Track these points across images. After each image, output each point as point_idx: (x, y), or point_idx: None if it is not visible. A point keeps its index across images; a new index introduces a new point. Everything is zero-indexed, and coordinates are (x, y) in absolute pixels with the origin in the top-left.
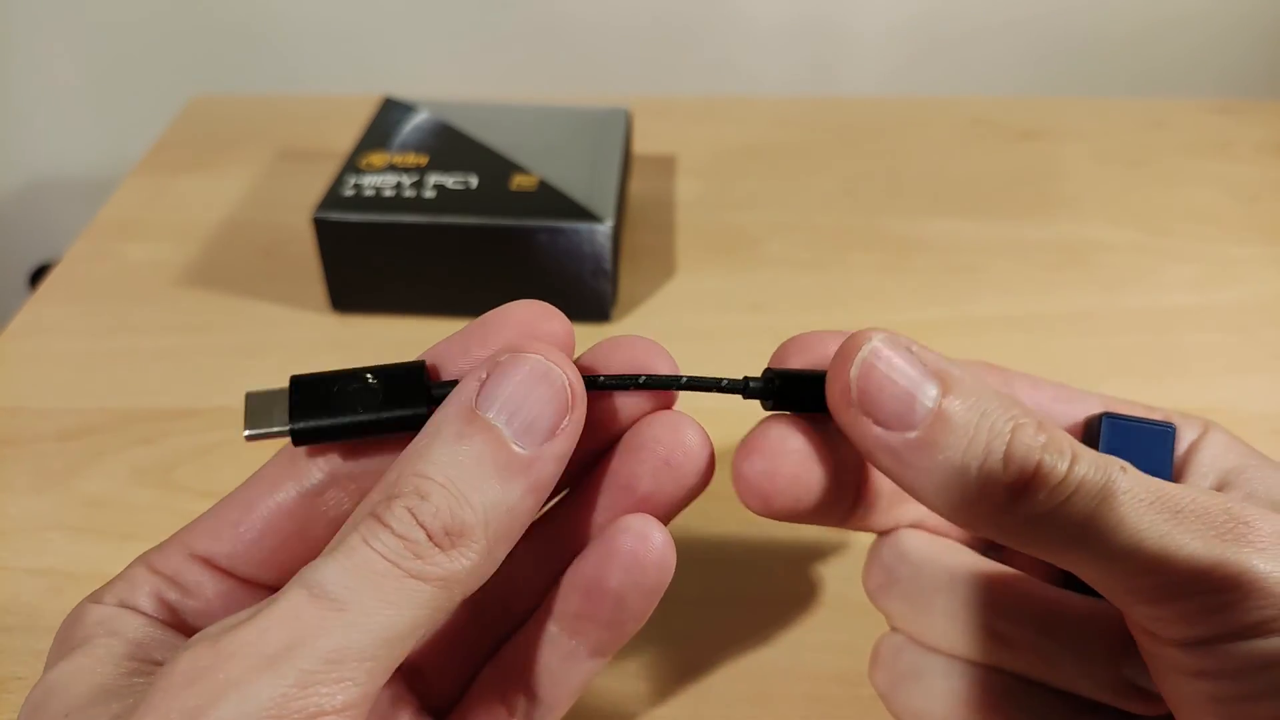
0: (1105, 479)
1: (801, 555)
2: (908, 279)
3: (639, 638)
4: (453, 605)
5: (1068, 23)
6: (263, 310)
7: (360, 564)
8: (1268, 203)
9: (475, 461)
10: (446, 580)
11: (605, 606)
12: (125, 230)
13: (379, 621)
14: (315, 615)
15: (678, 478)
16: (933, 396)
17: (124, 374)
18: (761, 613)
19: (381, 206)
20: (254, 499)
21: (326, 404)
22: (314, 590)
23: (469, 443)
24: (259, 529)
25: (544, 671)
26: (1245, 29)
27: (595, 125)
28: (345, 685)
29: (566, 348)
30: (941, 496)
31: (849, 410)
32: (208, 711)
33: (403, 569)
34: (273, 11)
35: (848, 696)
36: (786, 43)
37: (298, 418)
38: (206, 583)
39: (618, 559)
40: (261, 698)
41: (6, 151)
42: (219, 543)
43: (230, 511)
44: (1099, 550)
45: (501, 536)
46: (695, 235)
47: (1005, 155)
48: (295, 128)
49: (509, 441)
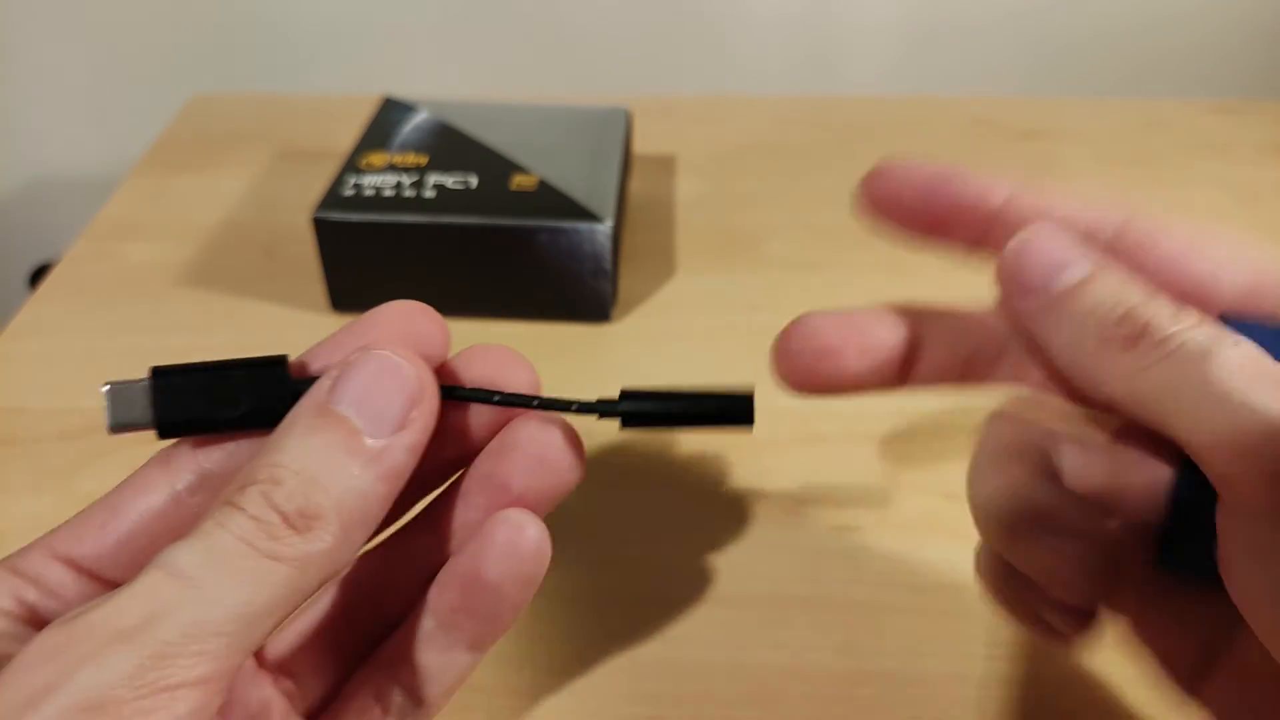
0: (1211, 343)
1: (802, 556)
2: (907, 279)
3: (640, 638)
4: (310, 589)
5: (1068, 21)
6: (263, 310)
7: (215, 545)
8: (1268, 203)
9: (327, 451)
10: (301, 561)
11: (484, 598)
12: (125, 230)
13: (235, 598)
14: (172, 591)
15: (551, 474)
16: (1086, 267)
17: (124, 373)
18: (762, 613)
19: (381, 206)
20: (121, 501)
21: (190, 398)
22: (170, 569)
23: (321, 434)
24: (126, 530)
25: (420, 669)
26: (1245, 29)
27: (595, 125)
28: (203, 658)
29: (439, 345)
30: (1067, 350)
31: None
32: (63, 685)
33: (257, 549)
34: (273, 11)
35: (847, 696)
36: (786, 41)
37: (162, 414)
38: (69, 584)
39: (495, 549)
40: (117, 669)
41: (6, 151)
42: (82, 544)
43: (97, 514)
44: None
45: (355, 522)
46: (695, 235)
47: (1005, 155)
48: (295, 127)
49: (359, 431)
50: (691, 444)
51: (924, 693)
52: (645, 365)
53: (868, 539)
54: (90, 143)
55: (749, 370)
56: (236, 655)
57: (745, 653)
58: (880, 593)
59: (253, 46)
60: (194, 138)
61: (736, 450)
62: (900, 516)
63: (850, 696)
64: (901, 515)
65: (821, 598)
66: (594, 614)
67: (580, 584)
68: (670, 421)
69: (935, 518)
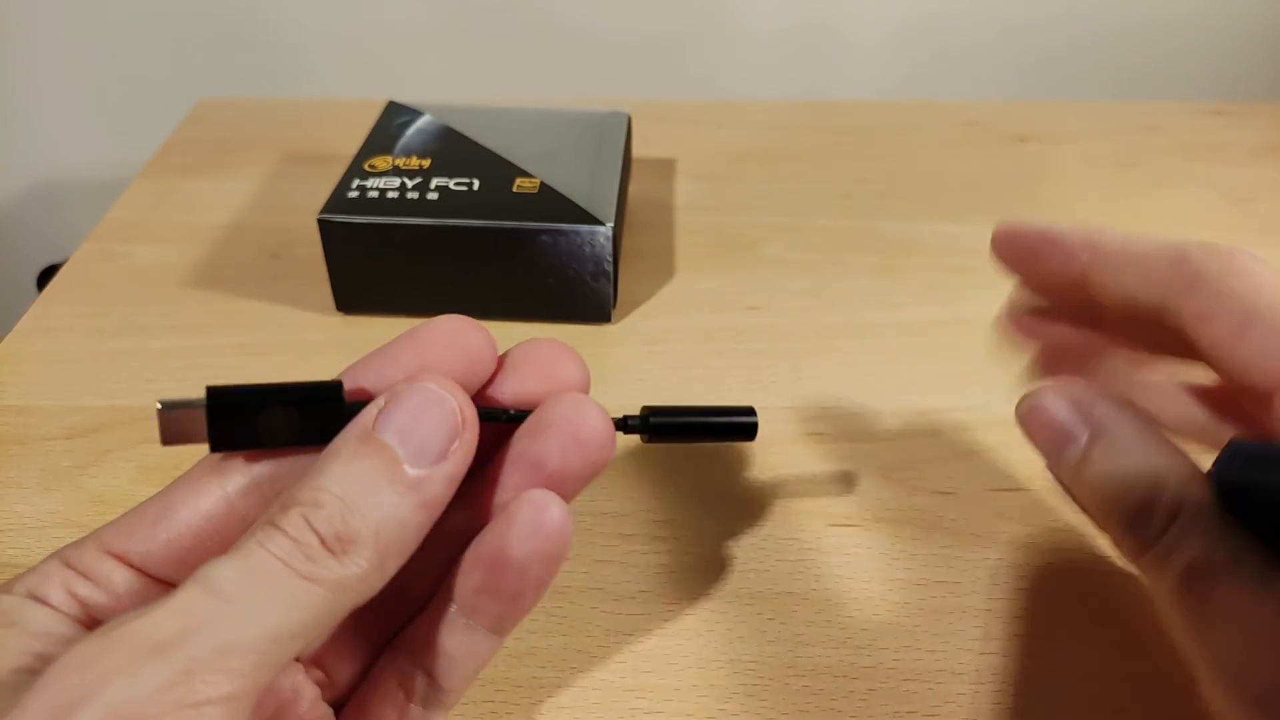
0: (1190, 564)
1: (800, 552)
2: (903, 280)
3: (639, 632)
4: (343, 612)
5: (1062, 29)
6: (269, 311)
7: (255, 564)
8: (1260, 205)
9: (369, 478)
10: (337, 585)
11: (508, 578)
12: (132, 231)
13: (269, 618)
14: (207, 608)
15: (586, 453)
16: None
17: (131, 374)
18: (759, 608)
19: (386, 209)
20: (174, 500)
21: (243, 418)
22: (208, 586)
23: (364, 461)
24: (176, 529)
25: (442, 653)
26: (1237, 33)
27: (596, 129)
28: (231, 676)
29: (487, 358)
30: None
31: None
32: (94, 696)
33: (294, 569)
34: (279, 16)
35: (844, 690)
36: (783, 50)
37: (215, 433)
38: (119, 579)
39: (520, 529)
40: (146, 683)
41: (15, 154)
42: (133, 540)
43: (149, 510)
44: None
45: (392, 549)
46: (694, 237)
47: (999, 158)
48: (301, 131)
49: (401, 461)
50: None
51: (919, 688)
52: (646, 365)
53: (864, 535)
54: (99, 146)
55: (747, 370)
56: (265, 673)
57: (742, 647)
58: (875, 589)
59: (260, 51)
60: (201, 141)
61: (735, 448)
62: (896, 513)
63: (846, 691)
64: (897, 512)
65: (818, 593)
66: (594, 609)
67: (580, 579)
68: (687, 436)
69: (931, 514)
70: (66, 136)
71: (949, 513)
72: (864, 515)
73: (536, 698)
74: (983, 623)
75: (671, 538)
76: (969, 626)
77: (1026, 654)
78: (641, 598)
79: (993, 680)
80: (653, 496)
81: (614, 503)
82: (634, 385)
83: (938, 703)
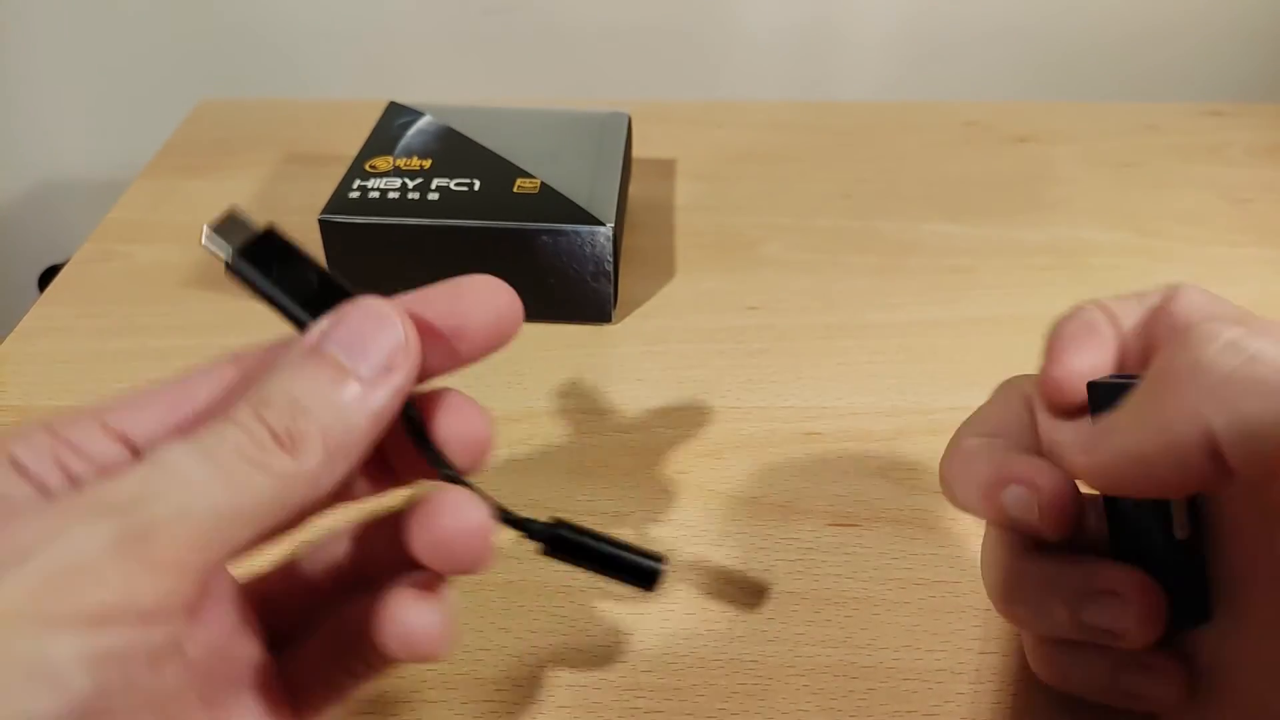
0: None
1: (798, 552)
2: (902, 280)
3: (638, 632)
4: (290, 506)
5: (1062, 29)
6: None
7: (208, 447)
8: (1259, 205)
9: (315, 383)
10: (285, 475)
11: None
12: (133, 232)
13: (220, 496)
14: (162, 480)
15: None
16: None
17: (131, 374)
18: (759, 608)
19: (386, 209)
20: (194, 383)
21: (272, 265)
22: (163, 463)
23: (311, 368)
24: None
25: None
26: (1237, 33)
27: (596, 130)
28: (181, 543)
29: (514, 318)
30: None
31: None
32: (48, 543)
33: (245, 457)
34: (280, 17)
35: (844, 689)
36: (783, 50)
37: (243, 255)
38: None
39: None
40: (101, 536)
41: (16, 154)
42: (142, 416)
43: (166, 392)
44: None
45: (338, 450)
46: (694, 237)
47: (998, 158)
48: (302, 132)
49: (347, 370)
50: (689, 442)
51: (918, 687)
52: (646, 365)
53: (863, 535)
54: (99, 147)
55: (747, 370)
56: (215, 550)
57: (741, 646)
58: (875, 588)
59: (261, 52)
60: (202, 142)
61: (735, 447)
62: (895, 513)
63: (845, 690)
64: (896, 512)
65: (817, 592)
66: (593, 609)
67: (580, 579)
68: (586, 563)
69: (929, 514)
70: (67, 137)
71: (949, 513)
72: (864, 515)
73: (536, 697)
74: (983, 623)
75: (668, 536)
76: (969, 626)
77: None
78: (641, 598)
79: (993, 680)
80: (653, 496)
81: (614, 503)
82: (634, 385)
83: (938, 702)
